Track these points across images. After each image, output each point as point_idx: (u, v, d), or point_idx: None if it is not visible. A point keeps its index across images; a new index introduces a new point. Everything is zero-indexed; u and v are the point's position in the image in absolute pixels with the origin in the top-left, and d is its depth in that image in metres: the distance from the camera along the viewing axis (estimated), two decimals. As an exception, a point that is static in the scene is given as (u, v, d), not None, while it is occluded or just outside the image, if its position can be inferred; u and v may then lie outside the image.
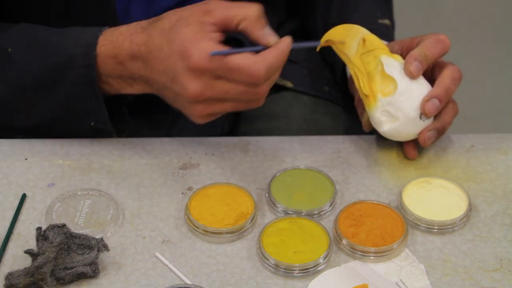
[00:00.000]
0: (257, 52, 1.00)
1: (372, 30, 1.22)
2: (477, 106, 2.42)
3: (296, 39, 1.39)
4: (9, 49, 1.08)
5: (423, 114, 1.08)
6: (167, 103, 1.07)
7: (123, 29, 1.06)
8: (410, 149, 1.12)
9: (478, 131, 1.19)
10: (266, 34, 1.01)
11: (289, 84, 1.32)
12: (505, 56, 2.57)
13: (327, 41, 1.12)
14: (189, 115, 1.04)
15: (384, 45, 1.12)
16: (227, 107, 1.03)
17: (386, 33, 1.25)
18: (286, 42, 1.01)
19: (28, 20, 1.17)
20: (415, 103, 1.08)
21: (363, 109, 1.12)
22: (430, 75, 1.12)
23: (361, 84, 1.09)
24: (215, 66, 0.98)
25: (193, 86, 0.99)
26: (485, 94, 2.48)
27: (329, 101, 1.31)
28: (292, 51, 1.02)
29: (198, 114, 1.02)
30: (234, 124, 1.34)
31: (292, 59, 1.35)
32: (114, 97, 1.10)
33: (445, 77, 1.10)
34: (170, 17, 1.03)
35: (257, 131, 1.29)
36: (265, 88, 1.01)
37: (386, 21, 1.25)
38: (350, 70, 1.11)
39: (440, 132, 1.11)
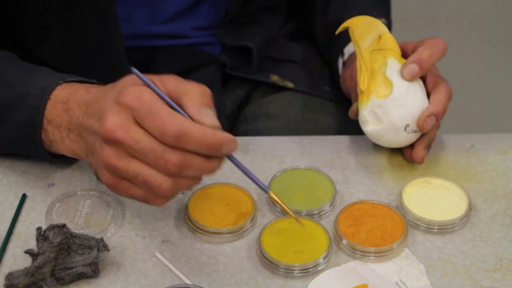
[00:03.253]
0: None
1: None
2: (477, 106, 2.42)
3: (296, 39, 1.40)
4: None
5: (419, 128, 1.08)
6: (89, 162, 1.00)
7: (87, 84, 1.02)
8: (408, 152, 1.12)
9: (478, 131, 1.19)
10: (204, 115, 0.91)
11: (290, 85, 1.32)
12: (505, 56, 2.57)
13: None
14: (100, 167, 0.93)
15: (398, 47, 1.11)
16: (131, 167, 0.90)
17: None
18: (225, 135, 0.90)
19: (28, 25, 1.17)
20: (404, 113, 1.07)
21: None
22: (423, 84, 1.12)
23: (361, 79, 1.09)
24: (138, 106, 0.89)
25: (109, 121, 0.90)
26: (485, 94, 2.48)
27: (330, 100, 1.31)
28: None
29: (106, 162, 0.91)
30: (234, 124, 1.34)
31: (293, 59, 1.35)
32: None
33: (442, 95, 1.09)
34: (129, 79, 0.96)
35: (257, 131, 1.29)
36: (174, 159, 0.88)
37: (382, 20, 1.25)
38: (357, 62, 1.11)
39: (429, 148, 1.12)
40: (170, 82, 0.93)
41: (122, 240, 1.01)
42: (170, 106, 0.90)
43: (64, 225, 0.97)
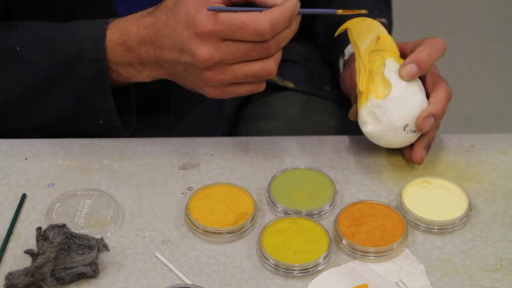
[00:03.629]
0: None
1: None
2: (477, 106, 2.42)
3: (297, 39, 1.39)
4: (18, 48, 1.08)
5: (417, 128, 1.08)
6: (180, 85, 1.08)
7: (130, 17, 1.08)
8: (407, 152, 1.12)
9: (478, 131, 1.19)
10: None
11: (290, 85, 1.32)
12: (505, 56, 2.57)
13: (347, 10, 1.12)
14: (203, 85, 1.04)
15: (396, 48, 1.11)
16: (238, 72, 1.02)
17: None
18: (291, 1, 1.02)
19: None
20: (403, 113, 1.07)
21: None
22: (422, 83, 1.12)
23: (360, 80, 1.09)
24: (220, 27, 0.99)
25: (201, 51, 1.00)
26: (485, 94, 2.48)
27: (330, 100, 1.31)
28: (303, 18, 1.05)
29: (211, 81, 1.02)
30: (234, 124, 1.34)
31: (293, 59, 1.35)
32: (122, 89, 1.10)
33: (441, 95, 1.09)
34: None
35: (257, 131, 1.29)
36: (272, 44, 1.01)
37: (383, 20, 1.25)
38: (356, 63, 1.11)
39: (428, 148, 1.12)
40: None
41: (122, 240, 1.01)
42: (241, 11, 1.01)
43: (64, 225, 0.97)
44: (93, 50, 1.06)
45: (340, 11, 1.08)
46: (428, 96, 1.10)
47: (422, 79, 1.11)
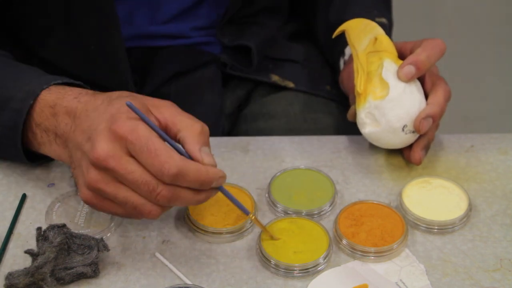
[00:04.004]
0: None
1: None
2: (477, 106, 2.42)
3: (297, 39, 1.40)
4: None
5: (415, 129, 1.08)
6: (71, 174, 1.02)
7: (76, 88, 1.02)
8: (415, 154, 1.12)
9: (478, 131, 1.19)
10: (203, 154, 0.93)
11: (290, 85, 1.32)
12: (505, 56, 2.57)
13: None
14: (82, 185, 0.95)
15: (394, 49, 1.11)
16: (120, 192, 0.92)
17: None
18: (216, 171, 0.93)
19: (30, 25, 1.17)
20: (401, 113, 1.07)
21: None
22: (421, 83, 1.11)
23: (358, 81, 1.09)
24: (133, 139, 0.90)
25: (102, 147, 0.91)
26: (485, 94, 2.48)
27: (330, 100, 1.31)
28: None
29: (90, 183, 0.93)
30: (234, 124, 1.34)
31: (293, 59, 1.35)
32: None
33: (440, 96, 1.09)
34: (123, 92, 0.98)
35: (257, 131, 1.29)
36: (165, 193, 0.91)
37: (383, 20, 1.25)
38: (354, 64, 1.11)
39: (427, 149, 1.12)
40: (168, 111, 0.95)
41: (122, 240, 1.01)
42: (164, 139, 0.92)
43: (64, 225, 0.97)
44: (20, 100, 1.01)
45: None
46: (426, 96, 1.10)
47: (421, 79, 1.11)
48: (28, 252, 0.96)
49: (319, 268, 0.98)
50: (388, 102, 1.07)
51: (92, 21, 1.16)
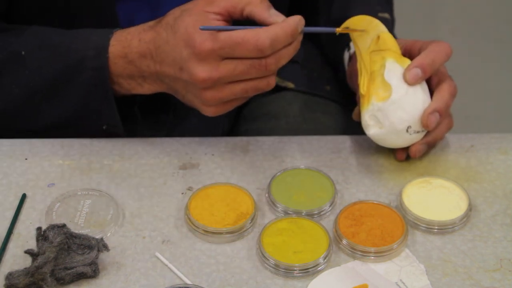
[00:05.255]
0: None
1: None
2: (477, 106, 2.42)
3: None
4: (22, 52, 1.09)
5: (423, 126, 1.07)
6: (181, 101, 1.07)
7: (132, 29, 1.07)
8: (400, 152, 1.12)
9: (478, 131, 1.19)
10: (273, 15, 1.02)
11: (290, 85, 1.32)
12: (505, 56, 2.57)
13: (346, 28, 1.12)
14: (202, 105, 1.04)
15: (397, 47, 1.11)
16: (237, 89, 1.02)
17: (385, 26, 1.24)
18: (294, 18, 1.01)
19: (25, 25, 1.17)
20: (405, 115, 1.06)
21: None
22: (427, 81, 1.11)
23: (361, 82, 1.09)
24: (220, 46, 0.99)
25: (200, 70, 1.00)
26: (485, 94, 2.48)
27: (330, 100, 1.31)
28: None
29: (210, 101, 1.02)
30: (234, 123, 1.34)
31: (293, 59, 1.35)
32: (126, 98, 1.11)
33: (445, 91, 1.09)
34: (175, 12, 1.05)
35: (257, 131, 1.29)
36: (272, 61, 1.00)
37: (386, 15, 1.24)
38: (358, 64, 1.11)
39: (430, 145, 1.12)
40: (223, 3, 1.03)
41: (122, 240, 1.01)
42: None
43: (64, 225, 0.97)
44: (94, 59, 1.06)
45: (338, 30, 1.09)
46: (432, 93, 1.10)
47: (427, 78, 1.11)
48: (28, 252, 0.96)
49: (319, 268, 0.98)
50: (391, 104, 1.06)
51: (93, 23, 1.16)
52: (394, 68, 1.08)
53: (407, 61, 1.09)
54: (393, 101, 1.06)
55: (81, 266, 0.94)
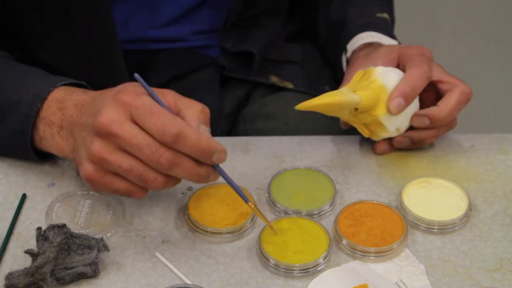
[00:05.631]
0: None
1: (370, 23, 1.21)
2: (477, 106, 2.42)
3: (296, 40, 1.40)
4: None
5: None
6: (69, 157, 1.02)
7: (82, 87, 1.05)
8: (379, 144, 1.13)
9: (478, 131, 1.19)
10: (201, 129, 0.94)
11: (289, 86, 1.32)
12: (505, 56, 2.57)
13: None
14: (85, 160, 0.95)
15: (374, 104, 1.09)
16: (126, 160, 0.93)
17: (383, 26, 1.24)
18: (217, 145, 0.93)
19: (28, 29, 1.17)
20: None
21: None
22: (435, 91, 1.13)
23: (360, 131, 1.12)
24: (136, 105, 0.92)
25: (105, 114, 0.93)
26: (485, 94, 2.48)
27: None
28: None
29: (95, 154, 0.93)
30: (234, 124, 1.34)
31: (292, 60, 1.35)
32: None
33: (412, 76, 1.09)
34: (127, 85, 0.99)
35: (257, 131, 1.29)
36: (166, 156, 0.92)
37: (385, 15, 1.24)
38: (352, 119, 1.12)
39: (414, 142, 1.12)
40: (170, 96, 0.96)
41: (122, 240, 1.01)
42: None
43: (64, 225, 0.97)
44: (28, 104, 1.03)
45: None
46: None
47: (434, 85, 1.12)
48: (28, 252, 0.96)
49: (319, 268, 0.98)
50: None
51: (89, 25, 1.16)
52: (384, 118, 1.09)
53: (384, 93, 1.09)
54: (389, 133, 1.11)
55: (81, 266, 0.94)
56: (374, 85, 1.08)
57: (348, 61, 1.23)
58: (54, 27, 1.16)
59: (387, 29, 1.25)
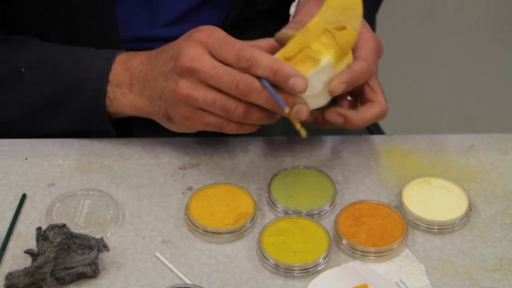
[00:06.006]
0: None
1: None
2: (477, 106, 2.42)
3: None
4: (22, 69, 1.09)
5: (329, 92, 1.01)
6: (152, 117, 1.07)
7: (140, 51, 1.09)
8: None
9: (478, 131, 1.19)
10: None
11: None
12: (505, 56, 2.57)
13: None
14: (174, 103, 1.02)
15: (349, 49, 1.01)
16: (210, 94, 0.99)
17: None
18: (294, 70, 0.96)
19: (30, 28, 1.17)
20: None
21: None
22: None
23: (292, 42, 1.00)
24: (212, 40, 0.99)
25: (185, 52, 1.00)
26: (485, 94, 2.48)
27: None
28: None
29: (183, 93, 1.00)
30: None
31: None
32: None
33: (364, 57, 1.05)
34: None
35: (256, 131, 1.29)
36: (245, 79, 0.97)
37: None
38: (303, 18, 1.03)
39: (352, 82, 1.03)
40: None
41: (122, 240, 1.01)
42: None
43: (64, 225, 0.97)
44: (95, 80, 1.07)
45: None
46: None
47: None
48: (28, 252, 0.96)
49: (319, 268, 0.98)
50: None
51: (91, 25, 1.16)
52: (323, 72, 0.99)
53: (341, 63, 1.00)
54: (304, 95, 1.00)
55: (81, 266, 0.94)
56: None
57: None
58: (56, 25, 1.16)
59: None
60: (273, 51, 1.01)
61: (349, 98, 1.08)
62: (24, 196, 1.06)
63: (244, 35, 1.32)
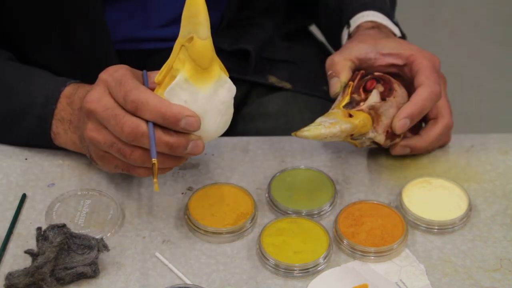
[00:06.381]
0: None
1: (365, 4, 1.19)
2: (477, 106, 2.42)
3: (294, 40, 1.39)
4: None
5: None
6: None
7: (88, 85, 1.06)
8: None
9: (478, 131, 1.19)
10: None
11: (287, 86, 1.32)
12: (505, 56, 2.57)
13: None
14: (93, 157, 1.01)
15: (209, 58, 0.95)
16: (107, 141, 0.96)
17: (382, 6, 1.22)
18: (184, 110, 0.93)
19: (24, 32, 1.17)
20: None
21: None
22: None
23: (162, 68, 0.97)
24: (111, 79, 0.95)
25: (91, 94, 0.96)
26: (485, 94, 2.48)
27: (328, 100, 1.31)
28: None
29: (86, 134, 0.98)
30: (232, 124, 1.34)
31: (290, 60, 1.35)
32: None
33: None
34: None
35: (256, 131, 1.29)
36: (128, 121, 0.93)
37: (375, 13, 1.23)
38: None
39: (415, 115, 1.06)
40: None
41: (122, 240, 1.01)
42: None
43: (64, 225, 0.97)
44: (42, 106, 1.06)
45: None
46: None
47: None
48: (28, 252, 0.96)
49: (319, 268, 0.98)
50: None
51: (83, 29, 1.17)
52: (180, 87, 0.94)
53: (207, 79, 0.95)
54: None
55: (81, 266, 0.94)
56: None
57: (350, 36, 1.20)
58: (49, 30, 1.17)
59: (386, 9, 1.22)
60: None
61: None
62: (24, 196, 1.06)
63: (242, 34, 1.32)
